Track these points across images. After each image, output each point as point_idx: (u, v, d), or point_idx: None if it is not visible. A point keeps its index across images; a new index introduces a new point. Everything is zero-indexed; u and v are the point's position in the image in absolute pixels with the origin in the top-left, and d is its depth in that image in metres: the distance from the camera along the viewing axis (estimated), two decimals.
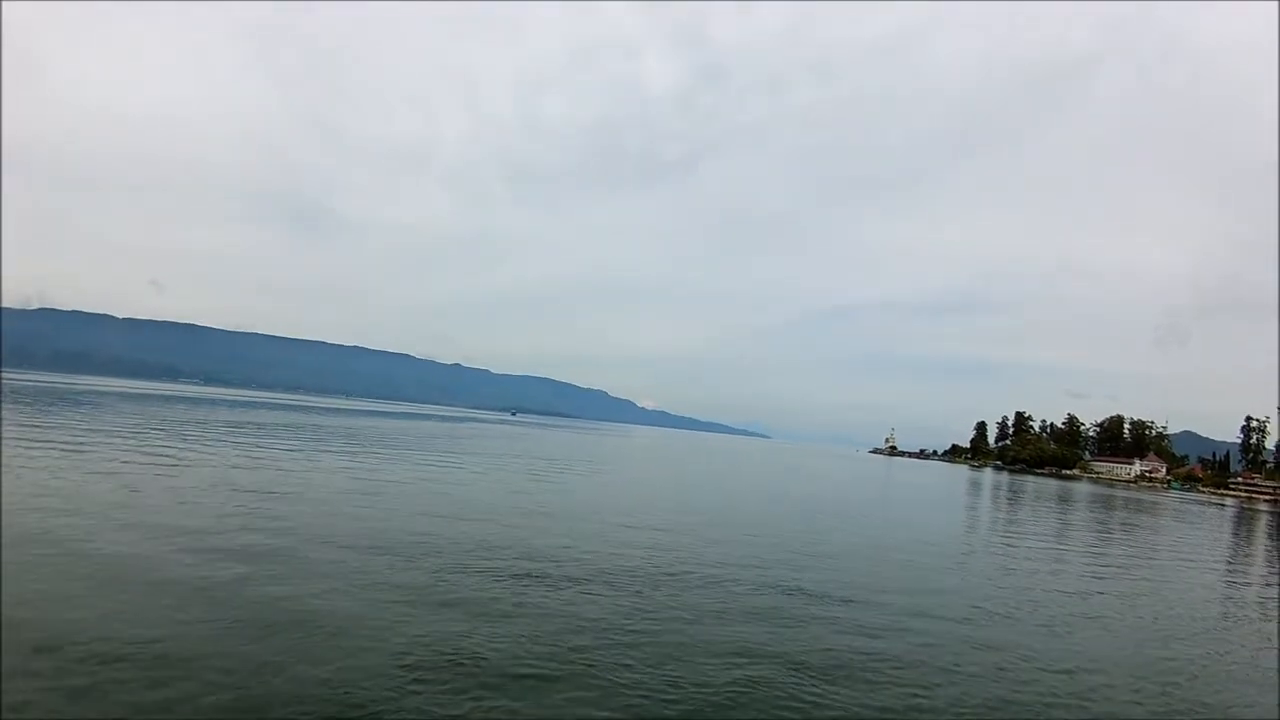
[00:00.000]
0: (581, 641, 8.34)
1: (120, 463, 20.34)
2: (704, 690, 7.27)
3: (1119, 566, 20.45)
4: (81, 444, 24.10)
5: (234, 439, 32.77)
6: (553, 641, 8.25)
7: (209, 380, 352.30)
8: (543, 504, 20.68)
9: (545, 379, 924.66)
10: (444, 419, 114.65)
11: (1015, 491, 63.20)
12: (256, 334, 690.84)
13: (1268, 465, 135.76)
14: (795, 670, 8.10)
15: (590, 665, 7.64)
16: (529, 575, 11.29)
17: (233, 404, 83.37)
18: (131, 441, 26.79)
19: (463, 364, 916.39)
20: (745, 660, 8.27)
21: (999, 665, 9.06)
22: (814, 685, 7.69)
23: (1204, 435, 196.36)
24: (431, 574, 10.78)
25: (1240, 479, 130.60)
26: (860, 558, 17.03)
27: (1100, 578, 17.87)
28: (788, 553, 16.05)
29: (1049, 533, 29.15)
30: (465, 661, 7.39)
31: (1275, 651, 11.52)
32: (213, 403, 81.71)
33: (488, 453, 42.81)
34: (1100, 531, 32.34)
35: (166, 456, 22.83)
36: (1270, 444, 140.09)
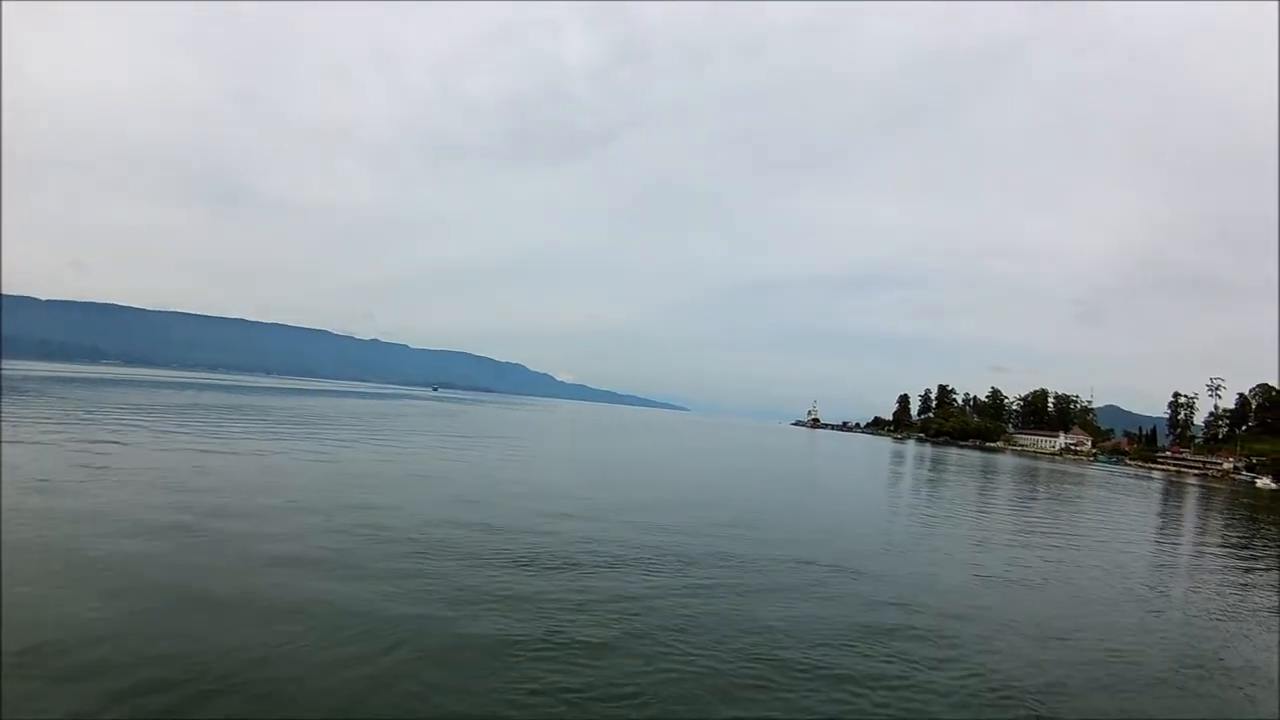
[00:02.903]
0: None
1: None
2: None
3: (1072, 536, 21.01)
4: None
5: (192, 424, 31.43)
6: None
7: (131, 361, 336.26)
8: (518, 481, 21.55)
9: (464, 353, 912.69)
10: (376, 396, 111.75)
11: (941, 462, 63.07)
12: (177, 313, 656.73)
13: (1196, 440, 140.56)
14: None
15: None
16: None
17: (161, 385, 79.05)
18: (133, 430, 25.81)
19: (381, 339, 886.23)
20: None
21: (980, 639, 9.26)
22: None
23: (1127, 409, 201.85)
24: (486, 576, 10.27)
25: (1169, 453, 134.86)
26: (811, 529, 17.13)
27: (1065, 545, 18.97)
28: (712, 527, 15.98)
29: (996, 505, 29.68)
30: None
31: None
32: (142, 384, 77.36)
33: (443, 432, 42.71)
34: (1044, 504, 32.88)
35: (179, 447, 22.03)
36: (1199, 419, 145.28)
